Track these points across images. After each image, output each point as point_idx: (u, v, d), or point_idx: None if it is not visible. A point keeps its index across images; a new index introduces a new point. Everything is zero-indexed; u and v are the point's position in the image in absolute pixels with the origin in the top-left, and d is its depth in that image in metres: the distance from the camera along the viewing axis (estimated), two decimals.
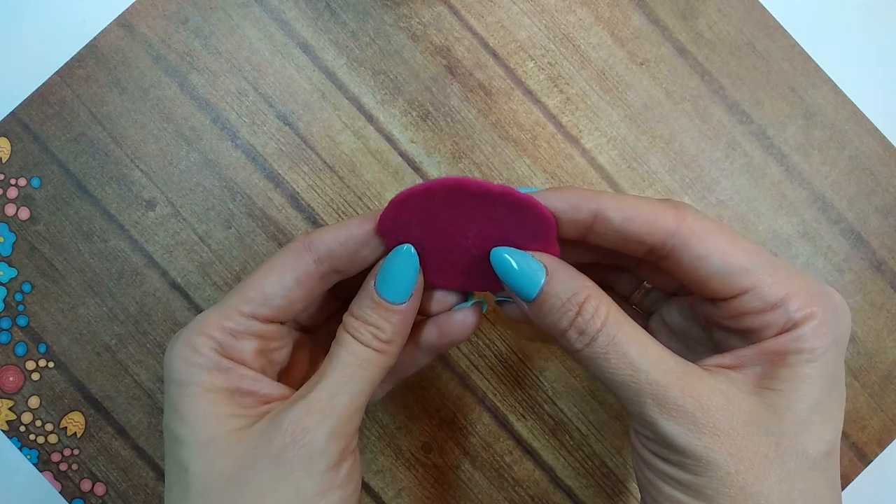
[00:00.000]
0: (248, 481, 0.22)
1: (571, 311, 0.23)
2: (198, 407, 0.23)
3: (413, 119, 0.34)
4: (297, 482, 0.22)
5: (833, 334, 0.22)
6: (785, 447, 0.21)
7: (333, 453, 0.23)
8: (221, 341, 0.24)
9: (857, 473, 0.34)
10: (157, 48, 0.34)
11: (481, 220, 0.25)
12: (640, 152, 0.35)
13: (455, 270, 0.26)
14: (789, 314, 0.22)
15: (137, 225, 0.34)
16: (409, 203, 0.25)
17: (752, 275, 0.22)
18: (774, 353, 0.22)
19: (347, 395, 0.23)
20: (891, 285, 0.35)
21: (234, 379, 0.24)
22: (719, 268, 0.22)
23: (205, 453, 0.23)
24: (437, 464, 0.34)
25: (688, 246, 0.23)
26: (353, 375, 0.24)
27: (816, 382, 0.21)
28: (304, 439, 0.22)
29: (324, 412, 0.23)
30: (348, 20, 0.35)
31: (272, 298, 0.24)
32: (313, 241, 0.25)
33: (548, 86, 0.35)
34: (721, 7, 0.35)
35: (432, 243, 0.25)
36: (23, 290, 0.34)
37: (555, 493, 0.34)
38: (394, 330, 0.24)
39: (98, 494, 0.33)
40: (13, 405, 0.33)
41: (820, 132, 0.35)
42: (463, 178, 0.24)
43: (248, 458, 0.22)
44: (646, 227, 0.23)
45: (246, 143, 0.34)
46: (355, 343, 0.24)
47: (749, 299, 0.22)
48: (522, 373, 0.34)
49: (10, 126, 0.34)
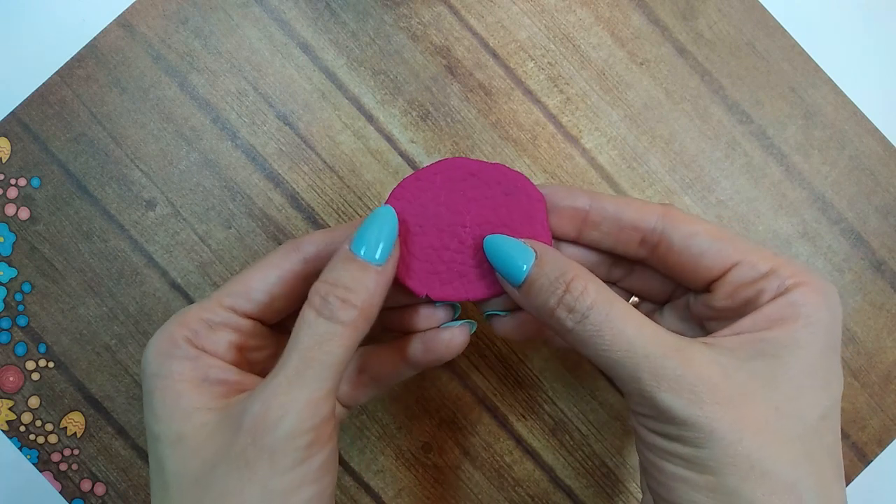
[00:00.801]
0: (214, 484, 0.21)
1: (559, 290, 0.22)
2: (167, 400, 0.23)
3: (413, 119, 0.34)
4: (263, 483, 0.21)
5: (826, 302, 0.22)
6: (784, 412, 0.21)
7: (299, 447, 0.21)
8: (197, 331, 0.24)
9: (858, 473, 0.34)
10: (157, 48, 0.34)
11: (479, 202, 0.25)
12: (640, 152, 0.35)
13: (451, 273, 0.26)
14: (781, 279, 0.22)
15: (137, 225, 0.34)
16: (406, 191, 0.26)
17: (739, 248, 0.23)
18: (769, 318, 0.22)
19: (310, 384, 0.21)
20: (891, 285, 0.35)
21: (203, 368, 0.23)
22: (710, 243, 0.23)
23: (177, 451, 0.22)
24: (437, 464, 0.34)
25: (677, 226, 0.24)
26: (315, 360, 0.22)
27: (811, 346, 0.22)
28: (264, 438, 0.21)
29: (283, 406, 0.21)
30: (348, 20, 0.35)
31: (253, 293, 0.24)
32: (302, 242, 0.25)
33: (548, 86, 0.35)
34: (721, 7, 0.35)
35: (429, 237, 0.26)
36: (23, 290, 0.34)
37: (555, 493, 0.34)
38: (367, 293, 0.22)
39: (98, 494, 0.33)
40: (13, 405, 0.33)
41: (820, 132, 0.35)
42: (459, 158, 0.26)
43: (214, 459, 0.22)
44: (638, 212, 0.24)
45: (246, 143, 0.34)
46: (318, 320, 0.22)
47: (742, 269, 0.23)
48: (522, 373, 0.34)
49: (10, 126, 0.34)
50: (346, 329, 0.22)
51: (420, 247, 0.26)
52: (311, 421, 0.21)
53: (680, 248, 0.24)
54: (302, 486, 0.21)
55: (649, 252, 0.25)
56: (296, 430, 0.21)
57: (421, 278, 0.26)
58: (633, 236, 0.25)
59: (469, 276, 0.26)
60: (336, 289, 0.22)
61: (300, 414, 0.21)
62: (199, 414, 0.23)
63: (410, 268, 0.26)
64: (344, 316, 0.22)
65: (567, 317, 0.22)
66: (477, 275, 0.26)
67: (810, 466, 0.21)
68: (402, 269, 0.26)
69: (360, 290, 0.22)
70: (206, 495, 0.21)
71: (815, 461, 0.21)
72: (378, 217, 0.24)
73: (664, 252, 0.24)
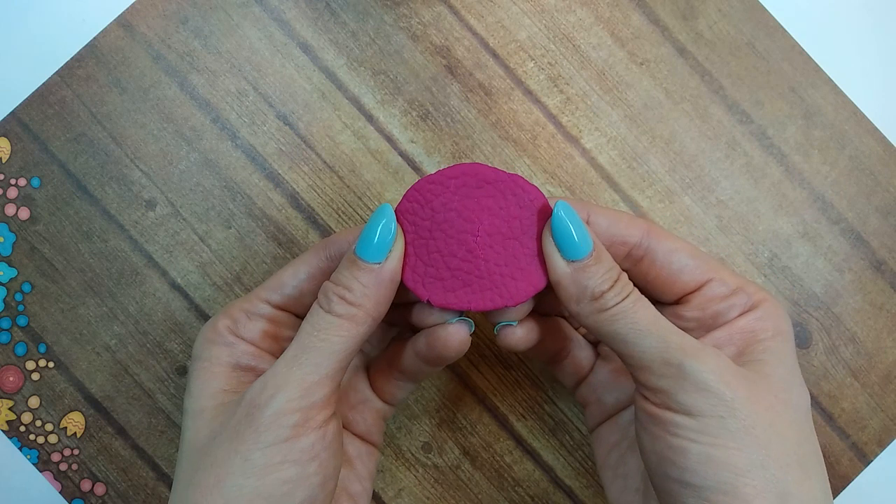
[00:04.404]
0: (210, 452, 0.23)
1: (615, 273, 0.24)
2: (202, 380, 0.25)
3: (413, 119, 0.34)
4: (246, 454, 0.22)
5: (785, 317, 0.26)
6: (781, 399, 0.23)
7: (285, 425, 0.22)
8: (237, 319, 0.26)
9: (857, 473, 0.34)
10: (157, 48, 0.34)
11: (492, 212, 0.25)
12: (640, 152, 0.35)
13: (455, 280, 0.25)
14: (748, 296, 0.25)
15: (137, 225, 0.34)
16: (419, 194, 0.25)
17: (711, 266, 0.26)
18: (744, 329, 0.25)
19: (303, 367, 0.23)
20: (891, 285, 0.35)
21: (237, 354, 0.26)
22: (688, 260, 0.26)
23: (195, 423, 0.25)
24: (437, 464, 0.34)
25: (660, 242, 0.26)
26: (311, 347, 0.23)
27: (785, 352, 0.25)
28: (254, 413, 0.23)
29: (277, 386, 0.23)
30: (348, 20, 0.35)
31: (284, 287, 0.27)
32: (330, 241, 0.27)
33: (548, 86, 0.35)
34: (721, 7, 0.35)
35: (437, 242, 0.25)
36: (23, 290, 0.34)
37: (555, 493, 0.34)
38: (363, 291, 0.24)
39: (98, 494, 0.33)
40: (13, 405, 0.33)
41: (820, 132, 0.35)
42: (476, 164, 0.25)
43: (215, 431, 0.24)
44: (627, 227, 0.26)
45: (246, 143, 0.34)
46: (318, 313, 0.24)
47: (714, 286, 0.26)
48: (522, 373, 0.34)
49: (10, 126, 0.34)
50: (342, 321, 0.24)
51: (427, 251, 0.25)
52: (299, 402, 0.23)
53: (662, 263, 0.26)
54: (283, 463, 0.22)
55: (632, 265, 0.27)
56: (284, 409, 0.23)
57: (425, 283, 0.25)
58: (621, 250, 0.26)
59: (473, 286, 0.25)
60: (337, 287, 0.24)
61: (289, 394, 0.23)
62: (223, 395, 0.25)
63: (415, 271, 0.25)
64: (340, 310, 0.24)
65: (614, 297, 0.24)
66: (482, 286, 0.25)
67: (810, 446, 0.23)
68: (408, 272, 0.25)
69: (355, 288, 0.24)
70: (202, 462, 0.23)
71: (812, 443, 0.24)
72: (375, 216, 0.25)
73: (647, 266, 0.26)
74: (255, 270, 0.34)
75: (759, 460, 0.22)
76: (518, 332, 0.27)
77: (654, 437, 0.23)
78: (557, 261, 0.25)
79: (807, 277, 0.34)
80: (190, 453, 0.24)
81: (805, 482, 0.22)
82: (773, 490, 0.21)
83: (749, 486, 0.21)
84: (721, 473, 0.22)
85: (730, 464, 0.22)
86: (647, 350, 0.23)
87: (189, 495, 0.23)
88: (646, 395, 0.24)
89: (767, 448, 0.22)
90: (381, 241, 0.24)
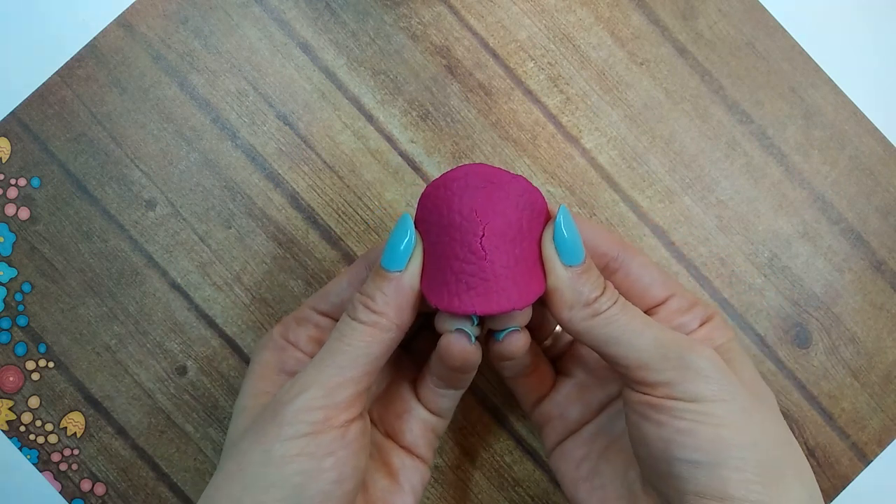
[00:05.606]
0: (239, 444, 0.25)
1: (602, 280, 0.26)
2: (252, 380, 0.28)
3: (413, 119, 0.34)
4: (267, 446, 0.24)
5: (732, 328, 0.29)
6: (755, 394, 0.25)
7: (305, 421, 0.24)
8: (288, 325, 0.29)
9: (857, 473, 0.34)
10: (157, 48, 0.34)
11: (495, 213, 0.25)
12: (640, 152, 0.35)
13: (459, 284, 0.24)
14: (703, 309, 0.27)
15: (137, 225, 0.34)
16: (428, 200, 0.25)
17: (672, 282, 0.28)
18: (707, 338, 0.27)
19: (328, 369, 0.25)
20: (891, 285, 0.35)
21: (284, 358, 0.28)
22: (656, 275, 0.28)
23: (236, 419, 0.27)
24: (437, 464, 0.34)
25: (633, 257, 0.28)
26: (336, 350, 0.25)
27: (745, 357, 0.27)
28: (280, 409, 0.24)
29: (303, 385, 0.24)
30: (348, 20, 0.35)
31: (330, 296, 0.29)
32: (372, 251, 0.29)
33: (548, 86, 0.35)
34: (721, 7, 0.35)
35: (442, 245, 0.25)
36: (23, 290, 0.34)
37: (555, 493, 0.34)
38: (384, 299, 0.25)
39: (98, 494, 0.33)
40: (13, 405, 0.33)
41: (820, 132, 0.35)
42: (480, 164, 0.25)
43: (246, 427, 0.26)
44: (606, 242, 0.28)
45: (246, 143, 0.34)
46: (345, 320, 0.26)
47: (676, 301, 0.28)
48: None
49: (10, 126, 0.34)
50: (366, 327, 0.25)
51: (435, 255, 0.25)
52: (322, 401, 0.24)
53: (636, 277, 0.28)
54: (299, 456, 0.23)
55: (607, 276, 0.28)
56: (306, 406, 0.24)
57: (432, 288, 0.25)
58: (600, 261, 0.28)
59: (478, 288, 0.24)
60: (362, 296, 0.26)
61: (313, 393, 0.24)
62: (265, 396, 0.27)
63: (425, 276, 0.25)
64: (364, 317, 0.25)
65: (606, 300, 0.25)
66: (486, 289, 0.24)
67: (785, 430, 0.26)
68: (424, 279, 0.25)
69: (378, 297, 0.25)
70: (231, 452, 0.25)
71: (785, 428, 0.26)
72: (396, 226, 0.26)
73: (621, 278, 0.28)
74: (254, 270, 0.34)
75: (759, 437, 0.24)
76: (523, 337, 0.26)
77: (659, 423, 0.24)
78: (558, 265, 0.25)
79: (807, 277, 0.34)
80: (227, 446, 0.26)
81: (792, 455, 0.25)
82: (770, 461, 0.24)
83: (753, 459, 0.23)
84: (730, 450, 0.23)
85: (735, 440, 0.23)
86: (643, 348, 0.24)
87: (215, 480, 0.25)
88: (643, 391, 0.25)
89: (762, 426, 0.24)
90: (399, 251, 0.25)
